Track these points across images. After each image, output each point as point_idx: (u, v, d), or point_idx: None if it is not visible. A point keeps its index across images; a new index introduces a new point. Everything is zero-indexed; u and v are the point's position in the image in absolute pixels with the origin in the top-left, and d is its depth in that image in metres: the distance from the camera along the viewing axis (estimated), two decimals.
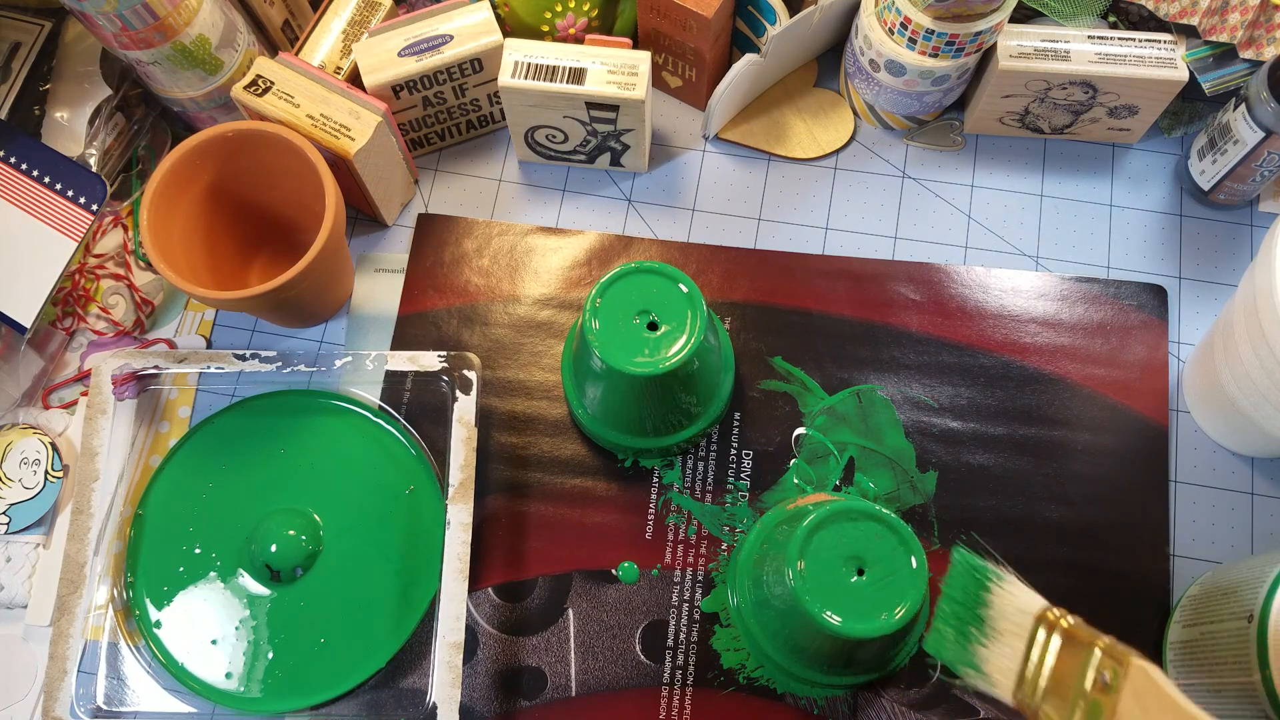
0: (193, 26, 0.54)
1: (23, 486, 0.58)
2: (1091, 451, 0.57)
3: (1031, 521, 0.55)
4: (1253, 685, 0.43)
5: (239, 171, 0.57)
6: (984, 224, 0.63)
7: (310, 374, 0.59)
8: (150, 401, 0.60)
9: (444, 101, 0.62)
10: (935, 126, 0.65)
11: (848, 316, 0.60)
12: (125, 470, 0.58)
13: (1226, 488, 0.56)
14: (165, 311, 0.63)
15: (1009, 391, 0.58)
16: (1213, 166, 0.59)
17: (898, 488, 0.56)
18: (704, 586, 0.55)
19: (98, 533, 0.56)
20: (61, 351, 0.62)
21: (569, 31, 0.62)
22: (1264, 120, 0.54)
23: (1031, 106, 0.62)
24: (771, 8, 0.61)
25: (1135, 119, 0.62)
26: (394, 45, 0.59)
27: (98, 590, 0.55)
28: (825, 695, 0.52)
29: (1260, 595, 0.44)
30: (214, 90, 0.59)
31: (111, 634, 0.54)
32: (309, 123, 0.56)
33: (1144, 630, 0.53)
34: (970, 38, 0.56)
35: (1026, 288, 0.61)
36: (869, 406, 0.58)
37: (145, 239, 0.53)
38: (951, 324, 0.60)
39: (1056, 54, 0.59)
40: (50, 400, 0.61)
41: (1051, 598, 0.54)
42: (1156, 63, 0.58)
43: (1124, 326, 0.59)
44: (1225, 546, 0.55)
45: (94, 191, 0.59)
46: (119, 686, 0.54)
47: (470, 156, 0.66)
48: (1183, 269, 0.61)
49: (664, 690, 0.53)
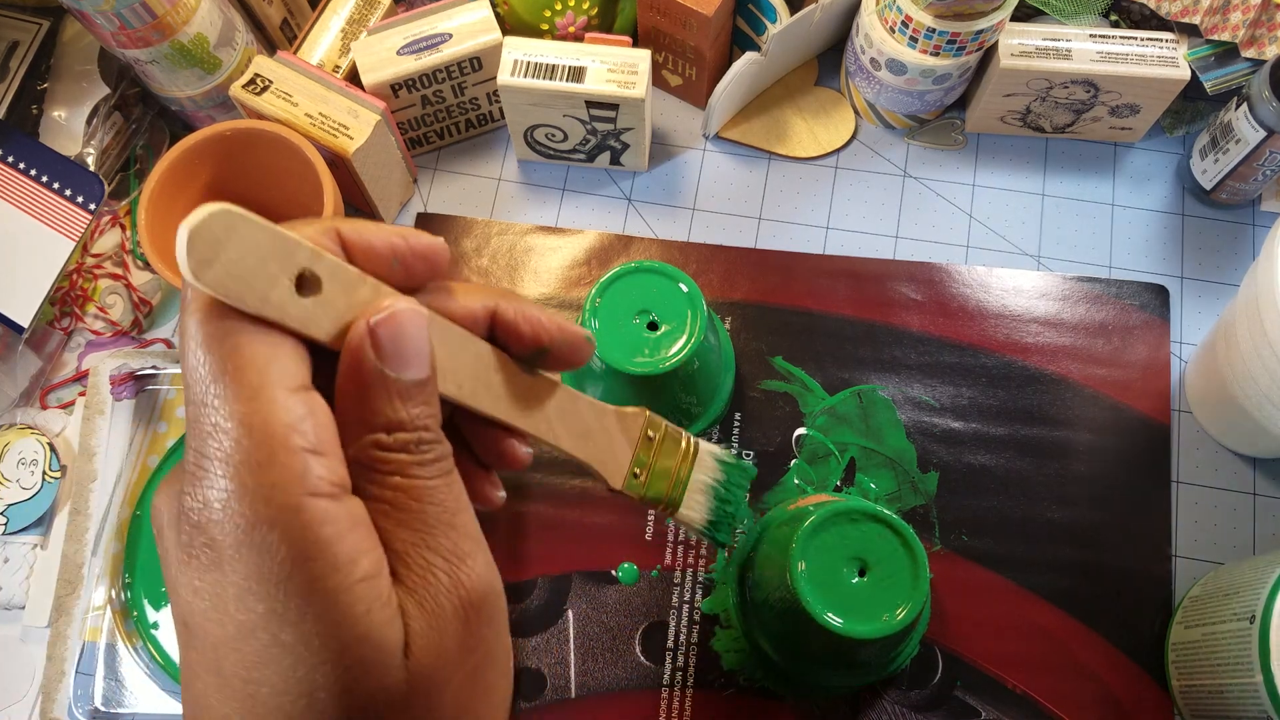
0: (191, 25, 0.54)
1: (20, 487, 0.57)
2: (1093, 452, 0.56)
3: (1033, 522, 0.55)
4: (1255, 686, 0.43)
5: (237, 170, 0.56)
6: (985, 223, 0.63)
7: None
8: (148, 402, 0.60)
9: (443, 100, 0.62)
10: (936, 125, 0.65)
11: (849, 316, 0.60)
12: (123, 471, 0.58)
13: (1228, 488, 0.56)
14: (163, 311, 0.62)
15: (1010, 392, 0.58)
16: (1214, 166, 0.59)
17: (899, 488, 0.56)
18: (704, 588, 0.55)
19: (95, 533, 0.56)
20: (59, 351, 0.61)
21: (568, 30, 0.62)
22: (1266, 119, 0.54)
23: (1033, 105, 0.61)
24: (772, 6, 0.60)
25: (1137, 118, 0.62)
26: (393, 44, 0.59)
27: (95, 591, 0.55)
28: (826, 696, 0.52)
29: (1262, 596, 0.44)
30: (212, 89, 0.58)
31: (109, 635, 0.54)
32: (307, 121, 0.56)
33: (1146, 631, 0.53)
34: (971, 36, 0.56)
35: (1028, 287, 0.60)
36: (870, 407, 0.58)
37: (143, 238, 0.52)
38: (953, 324, 0.60)
39: (1058, 53, 0.59)
40: (48, 400, 0.60)
41: (1053, 598, 0.54)
42: (1158, 62, 0.58)
43: (1126, 326, 0.59)
44: (1227, 547, 0.55)
45: (92, 191, 0.58)
46: (117, 687, 0.53)
47: (469, 155, 0.66)
48: (1184, 268, 0.61)
49: (664, 692, 0.53)
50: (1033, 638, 0.53)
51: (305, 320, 0.23)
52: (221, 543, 0.21)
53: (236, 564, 0.21)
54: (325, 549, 0.21)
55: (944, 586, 0.54)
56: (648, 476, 0.34)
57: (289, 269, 0.22)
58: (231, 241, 0.21)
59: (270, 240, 0.22)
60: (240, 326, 0.22)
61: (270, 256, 0.22)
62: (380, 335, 0.23)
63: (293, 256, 0.22)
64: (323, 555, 0.21)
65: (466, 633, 0.24)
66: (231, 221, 0.21)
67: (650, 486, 0.34)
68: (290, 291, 0.22)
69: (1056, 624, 0.53)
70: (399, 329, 0.23)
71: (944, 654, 0.53)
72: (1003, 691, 0.52)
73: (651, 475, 0.34)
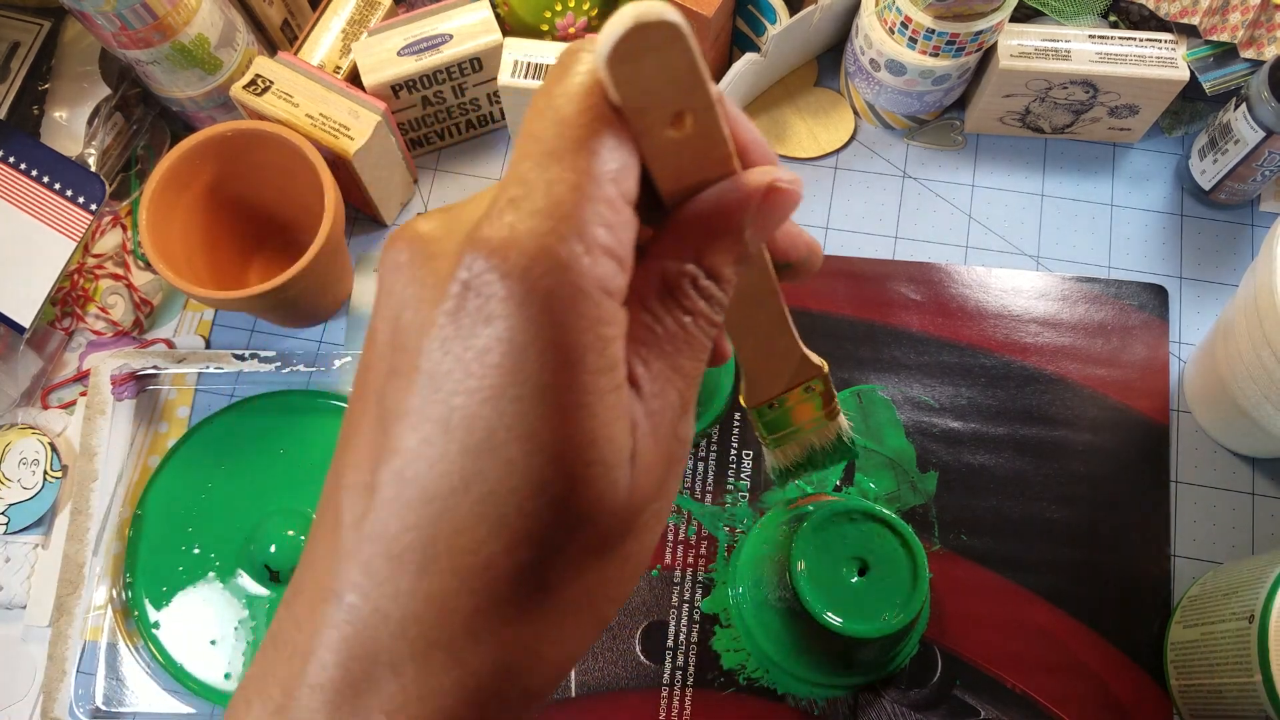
0: (192, 26, 0.54)
1: (21, 487, 0.57)
2: (1092, 452, 0.57)
3: (1032, 522, 0.55)
4: (1254, 686, 0.43)
5: (238, 171, 0.57)
6: (984, 223, 0.63)
7: (309, 374, 0.59)
8: (149, 402, 0.60)
9: (443, 101, 0.62)
10: (936, 126, 0.65)
11: (848, 316, 0.60)
12: (124, 471, 0.58)
13: (1227, 488, 0.56)
14: (164, 311, 0.62)
15: (1010, 391, 0.58)
16: (1213, 166, 0.59)
17: (898, 488, 0.56)
18: (704, 587, 0.55)
19: (96, 533, 0.56)
20: (60, 351, 0.61)
21: (569, 31, 0.62)
22: (1264, 120, 0.54)
23: (1032, 106, 0.62)
24: (772, 7, 0.61)
25: (1136, 119, 0.62)
26: (393, 44, 0.59)
27: (96, 591, 0.55)
28: (826, 696, 0.52)
29: (1261, 596, 0.44)
30: (213, 90, 0.59)
31: (110, 634, 0.54)
32: (308, 122, 0.56)
33: (1145, 631, 0.53)
34: (971, 37, 0.56)
35: (1027, 287, 0.60)
36: (870, 407, 0.58)
37: (144, 239, 0.52)
38: (952, 324, 0.60)
39: (1057, 53, 0.59)
40: (49, 400, 0.60)
41: (1052, 597, 0.54)
42: (1157, 62, 0.58)
43: (1125, 326, 0.59)
44: (1226, 547, 0.55)
45: (93, 191, 0.59)
46: (118, 687, 0.53)
47: (470, 156, 0.66)
48: (1183, 269, 0.61)
49: (664, 691, 0.53)
50: (1032, 637, 0.53)
51: (660, 152, 0.23)
52: (504, 298, 0.20)
53: (513, 323, 0.20)
54: (601, 346, 0.21)
55: (943, 586, 0.54)
56: (776, 415, 0.35)
57: (681, 102, 0.22)
58: (660, 51, 0.21)
59: (689, 70, 0.22)
60: (611, 122, 0.21)
61: (679, 83, 0.22)
62: (772, 200, 0.24)
63: (693, 94, 0.22)
64: (596, 350, 0.21)
65: (669, 474, 0.24)
66: (673, 35, 0.21)
67: (772, 423, 0.35)
68: (665, 120, 0.22)
69: (1056, 624, 0.53)
70: (787, 206, 0.24)
71: (943, 653, 0.53)
72: (1002, 691, 0.52)
73: (779, 415, 0.35)
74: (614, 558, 0.22)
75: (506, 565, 0.21)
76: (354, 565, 0.21)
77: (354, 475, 0.22)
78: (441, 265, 0.21)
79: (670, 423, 0.23)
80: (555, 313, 0.20)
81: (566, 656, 0.22)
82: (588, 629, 0.23)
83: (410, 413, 0.21)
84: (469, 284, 0.20)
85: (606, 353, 0.21)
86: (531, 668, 0.22)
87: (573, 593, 0.22)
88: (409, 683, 0.21)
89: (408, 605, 0.21)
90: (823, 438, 0.37)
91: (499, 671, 0.21)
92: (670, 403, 0.23)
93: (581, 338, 0.20)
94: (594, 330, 0.21)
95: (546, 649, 0.22)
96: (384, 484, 0.21)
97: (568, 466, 0.20)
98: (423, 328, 0.21)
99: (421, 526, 0.21)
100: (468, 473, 0.20)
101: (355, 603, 0.21)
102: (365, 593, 0.21)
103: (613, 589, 0.23)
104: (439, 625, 0.21)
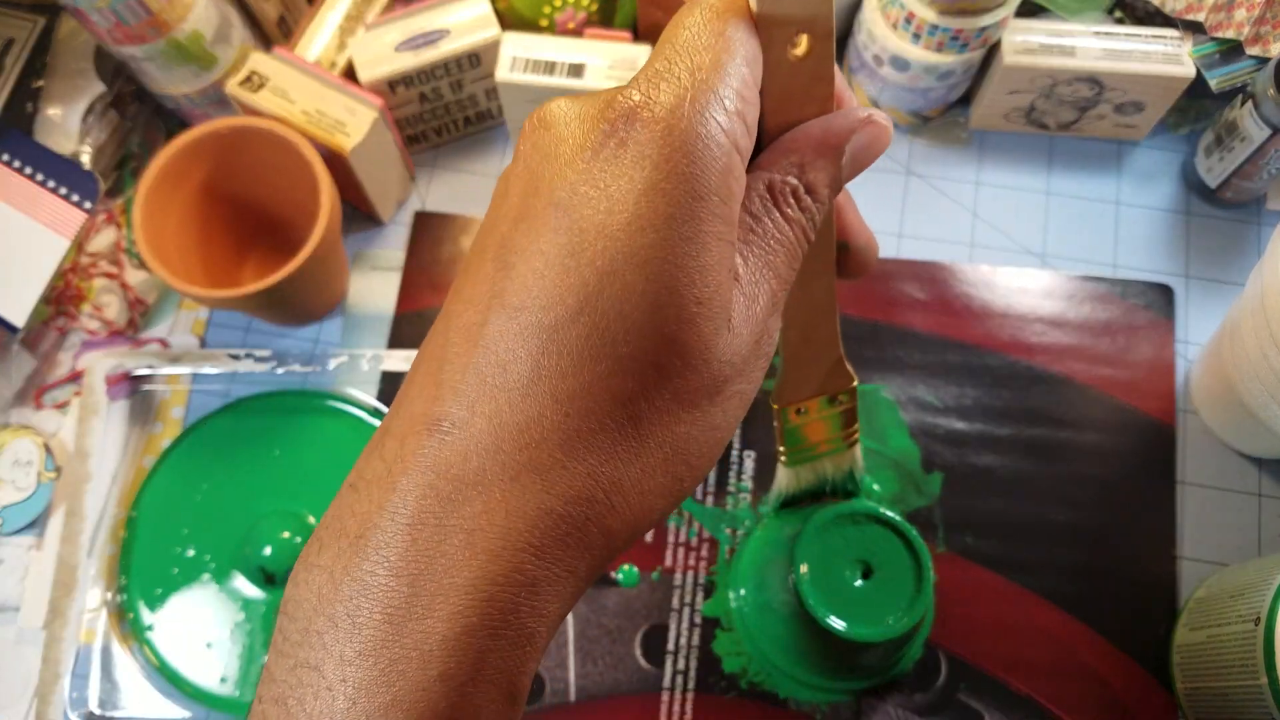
0: (187, 22, 0.54)
1: (15, 488, 0.57)
2: (1098, 452, 0.56)
3: (1037, 523, 0.55)
4: (1260, 689, 0.43)
5: (233, 168, 0.56)
6: (989, 221, 0.62)
7: (305, 374, 0.58)
8: (144, 402, 0.59)
9: (441, 97, 0.61)
10: (940, 122, 0.64)
11: (851, 316, 0.59)
12: (118, 471, 0.57)
13: (1234, 489, 0.55)
14: (159, 311, 0.62)
15: (1015, 392, 0.57)
16: (1220, 164, 0.59)
17: (903, 489, 0.56)
18: (705, 590, 0.54)
19: (91, 535, 0.55)
20: (54, 351, 0.61)
21: (568, 25, 0.61)
22: (1271, 117, 0.54)
23: (1037, 102, 0.61)
24: None
25: (1141, 115, 0.61)
26: (390, 40, 0.58)
27: (91, 593, 0.54)
28: (828, 700, 0.52)
29: (1267, 598, 0.43)
30: (208, 86, 0.58)
31: (105, 637, 0.54)
32: (304, 119, 0.55)
33: (1150, 634, 0.53)
34: (975, 33, 0.55)
35: (1033, 286, 0.60)
36: (873, 407, 0.57)
37: (138, 237, 0.52)
38: (957, 323, 0.59)
39: (1062, 50, 0.58)
40: (43, 401, 0.60)
41: (1057, 600, 0.53)
42: (1163, 59, 0.58)
43: (1130, 326, 0.59)
44: (1232, 548, 0.54)
45: (87, 189, 0.58)
46: (112, 690, 0.53)
47: (468, 153, 0.65)
48: (1189, 267, 0.61)
49: (665, 695, 0.52)
50: (1037, 640, 0.53)
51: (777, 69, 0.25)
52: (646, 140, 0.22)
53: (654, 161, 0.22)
54: (726, 194, 0.23)
55: (948, 589, 0.53)
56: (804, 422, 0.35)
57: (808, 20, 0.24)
58: None
59: None
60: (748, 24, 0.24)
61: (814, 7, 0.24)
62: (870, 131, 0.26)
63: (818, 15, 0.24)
64: (721, 195, 0.22)
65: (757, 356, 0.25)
66: None
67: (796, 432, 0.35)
68: (788, 38, 0.24)
69: (1061, 626, 0.53)
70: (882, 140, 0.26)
71: (948, 657, 0.52)
72: (1007, 694, 0.52)
73: (805, 424, 0.35)
74: (700, 417, 0.23)
75: (605, 391, 0.22)
76: (454, 396, 0.22)
77: (466, 315, 0.23)
78: (586, 122, 0.23)
79: (762, 312, 0.24)
80: (692, 154, 0.22)
81: (645, 509, 0.23)
82: (668, 487, 0.24)
83: (535, 250, 0.22)
84: (614, 128, 0.23)
85: (729, 203, 0.23)
86: (612, 506, 0.23)
87: (659, 438, 0.23)
88: (495, 503, 0.21)
89: (504, 427, 0.22)
90: (837, 467, 0.37)
91: (583, 500, 0.22)
92: (764, 293, 0.24)
93: (711, 180, 0.22)
94: (722, 177, 0.22)
95: (628, 491, 0.23)
96: (495, 318, 0.22)
97: (679, 298, 0.22)
98: (562, 169, 0.23)
99: (530, 354, 0.22)
100: (584, 298, 0.22)
101: (450, 428, 0.22)
102: (462, 420, 0.22)
103: (693, 454, 0.24)
104: (534, 447, 0.22)
